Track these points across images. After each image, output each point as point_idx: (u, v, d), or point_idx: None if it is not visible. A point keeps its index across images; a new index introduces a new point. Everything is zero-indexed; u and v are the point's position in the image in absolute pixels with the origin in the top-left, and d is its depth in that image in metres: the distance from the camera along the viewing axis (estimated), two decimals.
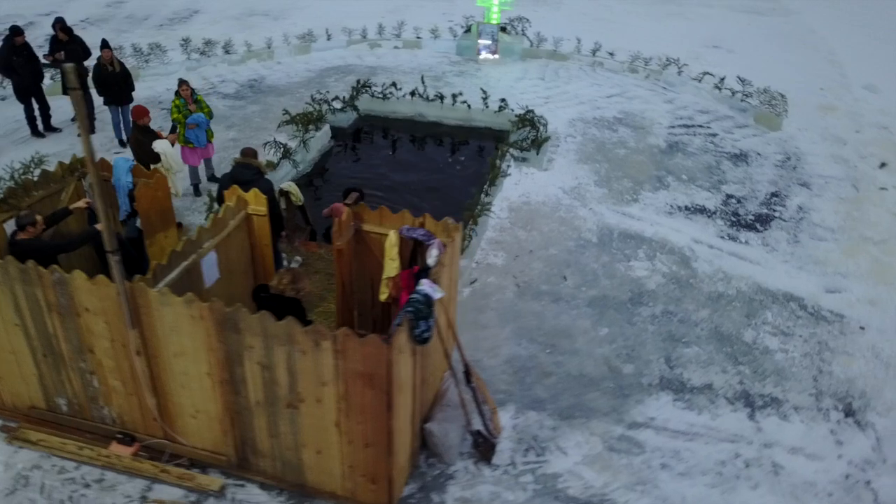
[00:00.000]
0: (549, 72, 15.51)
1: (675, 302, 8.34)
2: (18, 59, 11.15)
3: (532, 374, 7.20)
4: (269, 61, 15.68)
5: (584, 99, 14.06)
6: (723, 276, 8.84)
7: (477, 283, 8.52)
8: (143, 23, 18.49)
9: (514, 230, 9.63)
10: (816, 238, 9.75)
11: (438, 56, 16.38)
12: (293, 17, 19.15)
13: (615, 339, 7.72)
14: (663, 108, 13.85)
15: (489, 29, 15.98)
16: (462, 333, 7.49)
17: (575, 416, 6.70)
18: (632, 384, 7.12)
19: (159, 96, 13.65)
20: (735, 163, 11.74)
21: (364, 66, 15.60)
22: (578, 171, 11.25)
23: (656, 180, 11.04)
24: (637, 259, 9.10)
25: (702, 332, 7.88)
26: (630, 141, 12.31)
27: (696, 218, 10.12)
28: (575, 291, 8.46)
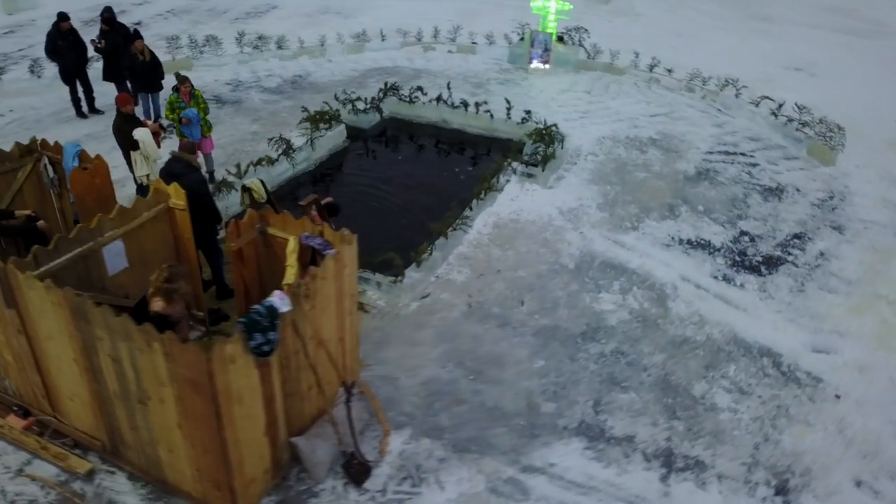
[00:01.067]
0: (600, 85, 14.85)
1: (632, 342, 7.72)
2: (63, 44, 11.95)
3: (444, 399, 6.88)
4: (320, 59, 15.98)
5: (624, 116, 13.36)
6: (697, 320, 8.10)
7: (428, 299, 8.27)
8: (221, 16, 19.36)
9: (489, 247, 9.27)
10: (826, 289, 8.74)
11: (490, 63, 16.11)
12: (364, 16, 19.42)
13: (547, 374, 7.25)
14: (709, 131, 12.92)
15: (542, 37, 15.53)
16: (390, 349, 7.33)
17: (470, 450, 6.33)
18: (545, 424, 6.66)
19: (201, 87, 14.19)
20: (766, 197, 10.75)
21: (410, 69, 15.58)
22: (585, 191, 10.68)
23: (667, 208, 10.29)
24: (609, 291, 8.52)
25: (647, 378, 7.25)
26: (656, 164, 11.56)
27: (694, 253, 9.34)
28: (527, 318, 8.03)
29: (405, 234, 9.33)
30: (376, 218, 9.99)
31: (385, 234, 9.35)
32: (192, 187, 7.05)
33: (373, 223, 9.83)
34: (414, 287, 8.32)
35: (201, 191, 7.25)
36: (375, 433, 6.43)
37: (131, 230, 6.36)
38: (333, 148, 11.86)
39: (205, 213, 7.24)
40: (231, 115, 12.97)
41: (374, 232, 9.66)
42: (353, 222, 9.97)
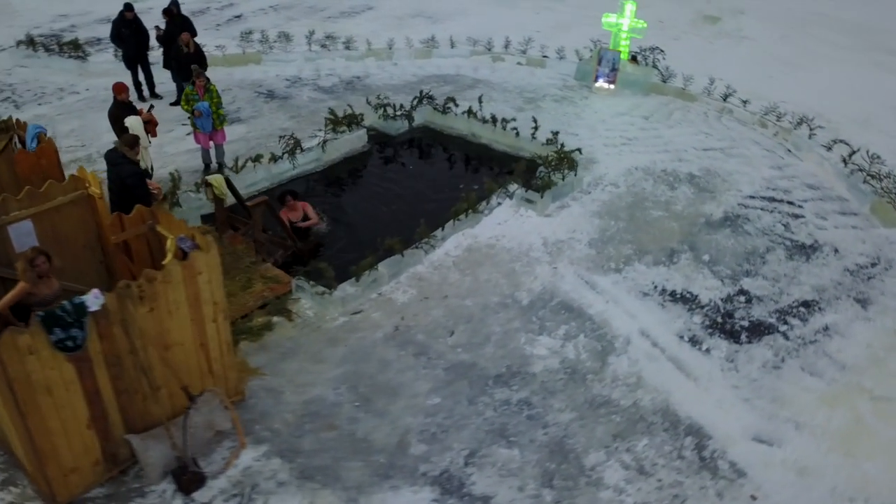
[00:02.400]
0: (663, 112, 13.83)
1: (545, 394, 7.11)
2: (126, 31, 12.90)
3: (318, 422, 6.69)
4: (385, 61, 16.12)
5: (673, 147, 12.34)
6: (633, 382, 7.31)
7: (358, 316, 8.09)
8: (318, 13, 20.06)
9: (449, 270, 8.91)
10: (808, 370, 7.57)
11: (555, 78, 15.49)
12: (452, 22, 19.37)
13: (437, 414, 6.84)
14: (763, 173, 11.63)
15: (610, 56, 14.70)
16: (293, 361, 7.28)
17: (314, 479, 6.11)
18: (405, 467, 6.28)
19: (262, 81, 14.80)
20: (791, 254, 9.50)
21: (470, 78, 15.33)
22: (584, 224, 9.98)
23: (666, 253, 9.38)
24: (551, 335, 7.89)
25: (542, 436, 6.64)
26: (679, 203, 10.57)
27: (671, 307, 8.44)
28: (448, 350, 7.63)
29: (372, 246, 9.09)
30: (353, 226, 9.91)
31: (354, 245, 9.25)
32: (122, 177, 7.34)
33: (348, 231, 9.77)
34: (347, 301, 8.16)
35: (131, 182, 7.52)
36: (233, 444, 6.36)
37: (45, 212, 6.71)
38: (350, 151, 11.90)
39: (132, 205, 7.49)
40: (273, 111, 13.39)
41: (341, 241, 9.65)
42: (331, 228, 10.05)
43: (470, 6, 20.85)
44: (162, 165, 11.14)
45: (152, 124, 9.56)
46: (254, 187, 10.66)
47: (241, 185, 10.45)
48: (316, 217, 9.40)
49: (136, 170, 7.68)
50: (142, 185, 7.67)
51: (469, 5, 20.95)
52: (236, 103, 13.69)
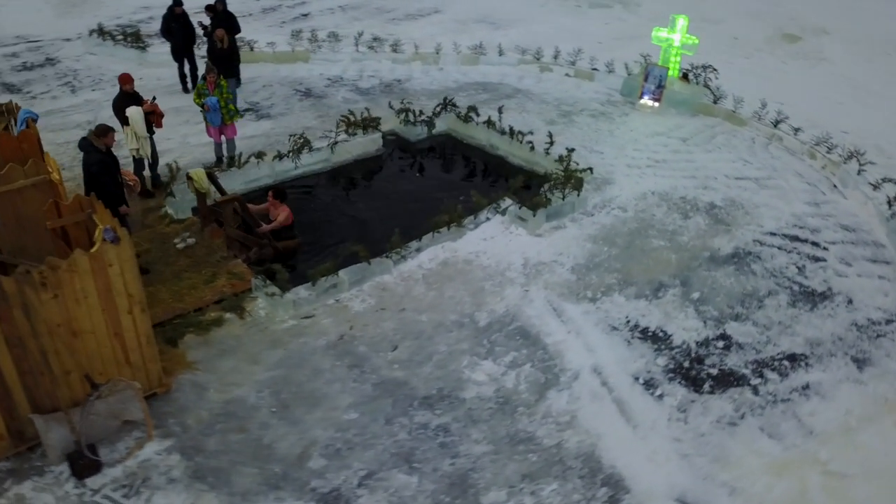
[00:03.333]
0: (705, 134, 13.02)
1: (468, 423, 6.82)
2: (175, 26, 13.48)
3: (230, 423, 6.73)
4: (431, 66, 16.05)
5: (703, 173, 11.59)
6: (565, 422, 6.89)
7: (308, 320, 8.07)
8: (383, 15, 20.26)
9: (416, 283, 8.74)
10: (767, 432, 6.89)
11: (601, 92, 14.91)
12: (515, 29, 19.06)
13: (349, 429, 6.71)
14: (796, 208, 10.72)
15: (657, 72, 14.00)
16: (229, 360, 7.38)
17: (205, 480, 6.14)
18: (298, 480, 6.20)
19: (304, 79, 15.10)
20: (796, 301, 8.68)
21: (512, 87, 15.02)
22: (573, 247, 9.53)
23: (652, 287, 8.81)
24: (496, 361, 7.57)
25: (447, 467, 6.37)
26: (686, 235, 9.90)
27: (638, 345, 7.91)
28: (384, 365, 7.47)
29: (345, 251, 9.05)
30: (343, 229, 9.90)
31: (337, 249, 9.24)
32: (87, 165, 7.64)
33: (335, 234, 9.77)
34: (300, 305, 8.15)
35: (95, 170, 7.80)
36: (142, 434, 6.48)
37: (6, 194, 7.08)
38: (363, 154, 11.90)
39: (99, 193, 7.78)
40: (304, 109, 13.61)
41: (325, 243, 9.63)
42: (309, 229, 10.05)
43: (538, 14, 20.45)
44: (180, 156, 11.56)
45: (157, 115, 9.89)
46: (255, 184, 10.86)
47: (243, 181, 10.71)
48: (281, 223, 9.34)
49: (101, 158, 7.95)
50: (105, 173, 7.93)
51: (537, 13, 20.56)
52: (272, 100, 14.02)
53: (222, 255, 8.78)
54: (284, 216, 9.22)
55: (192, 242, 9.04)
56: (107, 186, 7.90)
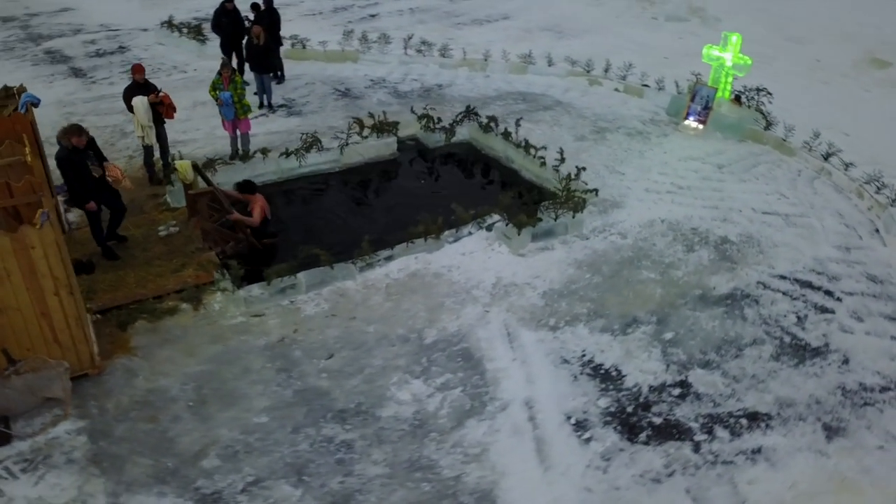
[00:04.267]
0: (746, 163, 12.14)
1: (374, 443, 6.64)
2: (225, 20, 14.01)
3: (145, 412, 6.87)
4: (478, 73, 15.86)
5: (727, 205, 10.79)
6: (473, 455, 6.57)
7: (257, 319, 8.14)
8: (450, 19, 20.23)
9: (377, 292, 8.63)
10: (692, 495, 6.28)
11: (648, 109, 14.22)
12: (579, 40, 18.56)
13: (254, 433, 6.69)
14: (821, 251, 9.79)
15: (704, 92, 13.19)
16: (168, 349, 7.65)
17: (100, 465, 6.30)
18: (186, 477, 6.24)
19: (347, 79, 15.31)
20: (780, 354, 7.91)
21: (553, 99, 14.59)
22: (553, 272, 9.12)
23: (624, 322, 8.28)
24: (427, 381, 7.35)
25: (336, 485, 6.23)
26: (683, 269, 9.25)
27: (584, 382, 7.44)
28: (312, 373, 7.42)
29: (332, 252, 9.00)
30: (332, 230, 9.94)
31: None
32: (56, 158, 7.99)
33: (322, 234, 9.80)
34: (253, 303, 8.23)
35: (58, 165, 8.10)
36: (61, 412, 6.74)
37: None
38: (375, 157, 11.89)
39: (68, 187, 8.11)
40: (336, 108, 13.79)
41: (310, 242, 9.62)
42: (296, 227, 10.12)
43: (610, 25, 19.79)
44: (202, 146, 12.01)
45: (166, 107, 10.26)
46: (260, 179, 11.02)
47: (248, 176, 10.91)
48: (258, 217, 9.40)
49: (63, 154, 8.13)
50: (68, 169, 8.15)
51: (609, 24, 19.90)
52: (309, 97, 14.29)
53: (198, 247, 8.99)
54: (258, 208, 9.26)
55: (175, 231, 9.32)
56: (70, 182, 8.15)
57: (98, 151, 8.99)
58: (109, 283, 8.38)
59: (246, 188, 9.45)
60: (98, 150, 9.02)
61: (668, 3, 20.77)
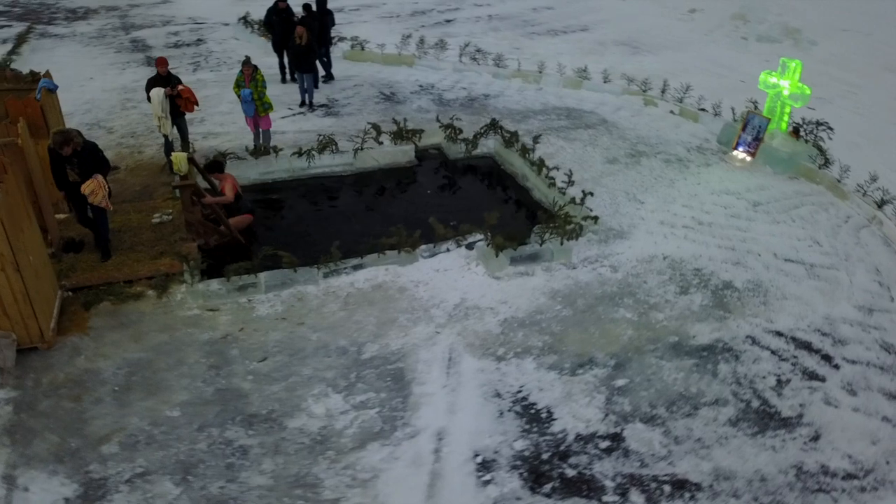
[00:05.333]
0: (788, 203, 11.13)
1: (270, 453, 6.59)
2: (277, 19, 14.49)
3: (73, 391, 7.15)
4: (531, 84, 15.51)
5: (747, 247, 9.93)
6: (361, 480, 6.38)
7: (210, 313, 8.33)
8: (526, 28, 19.90)
9: (335, 300, 8.60)
10: None
11: (699, 135, 13.38)
12: (651, 57, 17.79)
13: (161, 425, 6.82)
14: (835, 310, 8.81)
15: (756, 122, 12.22)
16: (119, 333, 8.02)
17: (13, 435, 6.62)
18: (83, 459, 6.43)
19: (395, 83, 15.40)
20: (740, 420, 7.15)
21: (598, 117, 14.02)
22: (523, 299, 8.74)
23: (579, 361, 7.78)
24: (347, 398, 7.23)
25: (216, 490, 6.22)
26: (666, 313, 8.60)
27: (508, 420, 7.07)
28: (240, 374, 7.48)
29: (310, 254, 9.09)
30: (319, 231, 10.03)
31: (299, 249, 9.33)
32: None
33: (308, 234, 9.91)
34: (211, 297, 8.43)
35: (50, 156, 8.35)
36: None
37: None
38: (391, 164, 11.87)
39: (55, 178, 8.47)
40: (374, 112, 13.90)
41: (293, 242, 9.81)
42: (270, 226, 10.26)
43: (694, 43, 18.77)
44: (234, 140, 12.46)
45: (184, 100, 10.70)
46: (270, 176, 11.33)
47: (259, 172, 11.23)
48: (230, 194, 9.47)
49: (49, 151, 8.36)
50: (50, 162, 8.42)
51: (693, 42, 18.87)
52: (352, 99, 14.50)
53: (181, 237, 9.31)
54: (229, 185, 9.39)
55: (167, 220, 9.70)
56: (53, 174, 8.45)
57: (96, 160, 8.53)
58: (90, 263, 8.83)
59: (214, 168, 9.60)
60: (97, 159, 8.54)
61: (764, 23, 19.33)
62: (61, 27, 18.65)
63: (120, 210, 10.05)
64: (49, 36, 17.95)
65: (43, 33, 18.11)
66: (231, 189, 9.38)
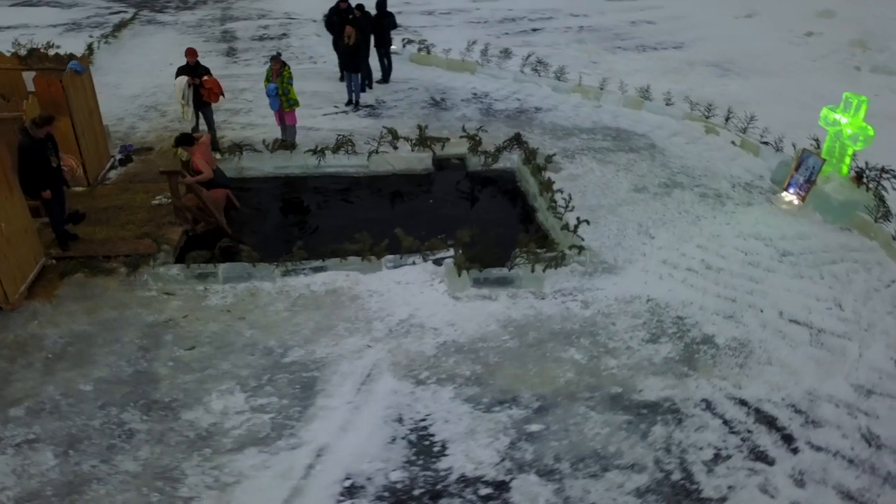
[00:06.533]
0: (825, 257, 9.86)
1: (152, 440, 6.70)
2: (336, 19, 14.79)
3: (14, 353, 7.62)
4: (590, 101, 14.82)
5: (747, 302, 8.85)
6: (217, 482, 6.40)
7: (165, 297, 8.64)
8: (613, 41, 19.03)
9: (283, 299, 8.64)
10: None
11: (753, 170, 12.22)
12: (748, 81, 16.44)
13: (69, 397, 7.14)
14: (825, 386, 7.66)
15: (811, 162, 10.97)
16: (79, 303, 8.53)
17: None
18: None
19: (450, 89, 15.27)
20: (648, 492, 6.41)
21: (646, 141, 13.16)
22: (473, 324, 8.35)
23: (500, 398, 7.29)
24: (249, 399, 7.21)
25: (84, 468, 6.48)
26: (619, 360, 7.90)
27: (398, 448, 6.75)
28: (166, 359, 7.68)
29: None
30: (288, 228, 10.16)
31: (279, 246, 9.56)
32: (18, 146, 8.38)
33: (295, 230, 10.06)
34: (171, 282, 8.74)
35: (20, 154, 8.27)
36: None
37: None
38: (406, 170, 11.76)
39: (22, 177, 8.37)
40: (415, 117, 13.82)
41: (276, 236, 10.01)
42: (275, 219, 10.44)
43: (797, 68, 17.20)
44: (264, 132, 12.84)
45: (207, 90, 11.16)
46: (284, 171, 11.59)
47: (273, 166, 11.53)
48: (206, 170, 9.56)
49: (28, 143, 8.26)
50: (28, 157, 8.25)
51: (796, 66, 17.30)
52: (400, 102, 14.55)
53: (171, 220, 9.73)
54: (202, 162, 9.48)
55: (166, 202, 10.17)
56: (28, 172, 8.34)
57: (55, 143, 8.73)
58: (82, 235, 9.41)
59: (183, 140, 9.69)
60: (55, 142, 8.74)
61: (885, 52, 17.26)
62: (168, 15, 20.12)
63: (131, 189, 10.66)
64: (154, 23, 19.42)
65: (150, 20, 19.63)
66: (204, 164, 9.53)
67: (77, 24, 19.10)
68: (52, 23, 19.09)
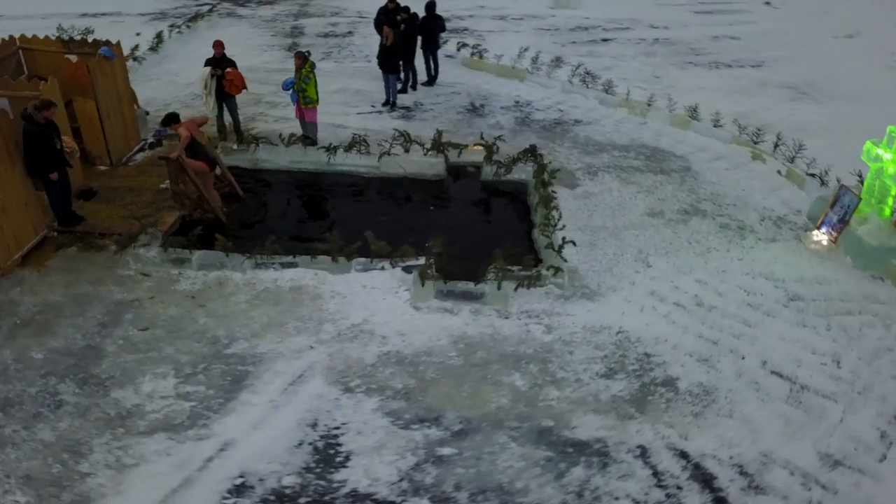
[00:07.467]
0: (843, 307, 8.90)
1: (74, 415, 6.94)
2: (385, 20, 14.86)
3: None
4: (636, 116, 14.12)
5: (730, 346, 8.16)
6: (117, 463, 6.57)
7: (141, 277, 8.96)
8: (684, 57, 18.00)
9: (248, 291, 8.72)
10: None
11: (792, 204, 11.25)
12: (821, 106, 15.16)
13: (17, 364, 7.62)
14: (787, 450, 6.94)
15: (847, 200, 9.98)
16: (61, 274, 9.01)
17: None
18: None
19: (493, 95, 15.01)
20: None
21: (680, 163, 12.39)
22: (423, 337, 8.12)
23: (426, 416, 7.08)
24: (179, 385, 7.33)
25: (6, 432, 6.83)
26: (563, 393, 7.45)
27: (302, 454, 6.67)
28: (117, 337, 7.94)
29: None
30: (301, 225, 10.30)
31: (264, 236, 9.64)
32: (23, 133, 8.77)
33: (284, 224, 10.21)
34: (148, 263, 9.05)
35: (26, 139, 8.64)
36: None
37: (16, 98, 9.68)
38: (417, 174, 11.60)
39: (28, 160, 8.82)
40: (447, 122, 13.58)
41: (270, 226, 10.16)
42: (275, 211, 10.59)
43: (886, 94, 15.55)
44: (290, 127, 12.99)
45: (228, 81, 11.48)
46: (297, 166, 11.76)
47: (288, 160, 11.74)
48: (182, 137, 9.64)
49: (33, 128, 8.54)
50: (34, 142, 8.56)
51: (888, 92, 15.64)
52: (437, 105, 14.41)
53: (170, 204, 10.11)
54: (185, 132, 9.69)
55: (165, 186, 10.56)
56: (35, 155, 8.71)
57: (56, 127, 8.99)
58: (88, 212, 9.95)
59: (170, 119, 9.88)
60: (56, 126, 9.00)
61: None
62: (248, 9, 20.95)
63: (147, 171, 11.15)
64: (233, 15, 20.28)
65: (230, 13, 20.51)
66: (184, 129, 9.63)
67: (164, 13, 20.24)
68: (142, 11, 20.31)
